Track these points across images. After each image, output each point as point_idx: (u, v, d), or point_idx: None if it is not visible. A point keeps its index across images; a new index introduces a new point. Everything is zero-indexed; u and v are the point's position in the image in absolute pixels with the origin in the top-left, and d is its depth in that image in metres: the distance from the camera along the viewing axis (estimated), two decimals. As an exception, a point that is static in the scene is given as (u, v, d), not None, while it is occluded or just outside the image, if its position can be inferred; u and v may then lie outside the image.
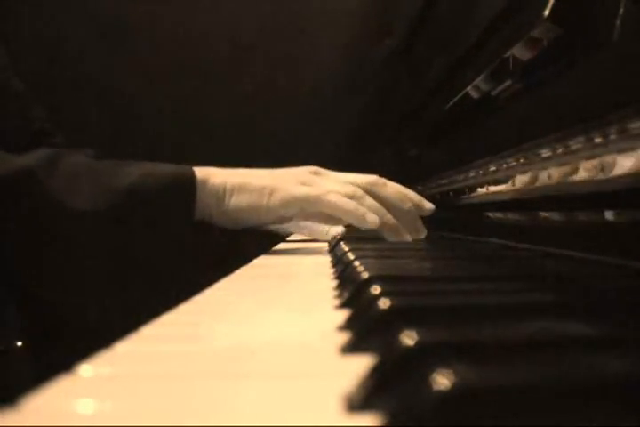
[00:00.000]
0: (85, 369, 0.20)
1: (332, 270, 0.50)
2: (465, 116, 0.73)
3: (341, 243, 0.64)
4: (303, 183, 0.65)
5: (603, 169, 0.34)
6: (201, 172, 0.63)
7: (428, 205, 0.70)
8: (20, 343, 0.72)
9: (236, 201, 0.63)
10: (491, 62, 0.57)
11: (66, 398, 0.17)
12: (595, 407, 0.14)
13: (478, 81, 0.62)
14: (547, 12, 0.44)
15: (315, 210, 0.64)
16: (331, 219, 0.67)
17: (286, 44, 1.54)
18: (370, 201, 0.64)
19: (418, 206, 0.69)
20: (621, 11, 0.35)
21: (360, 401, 0.16)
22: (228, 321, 0.30)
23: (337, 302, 0.33)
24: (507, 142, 0.51)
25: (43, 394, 0.18)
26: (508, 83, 0.57)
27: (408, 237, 0.67)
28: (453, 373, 0.14)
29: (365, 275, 0.33)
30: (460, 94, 0.69)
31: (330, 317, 0.29)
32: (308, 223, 0.77)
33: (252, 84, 1.53)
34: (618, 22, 0.35)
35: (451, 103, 0.74)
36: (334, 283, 0.41)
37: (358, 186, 0.65)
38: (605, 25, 0.37)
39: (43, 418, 0.16)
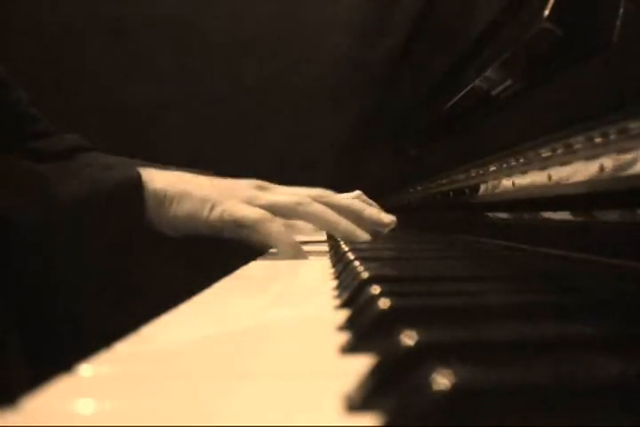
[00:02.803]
0: (85, 369, 0.20)
1: (332, 270, 0.50)
2: (465, 115, 0.73)
3: (341, 243, 0.64)
4: (246, 200, 0.62)
5: (603, 169, 0.34)
6: (145, 175, 0.62)
7: (388, 218, 0.69)
8: (19, 344, 0.72)
9: (176, 209, 0.62)
10: (491, 62, 0.57)
11: (66, 398, 0.17)
12: (595, 407, 0.14)
13: (478, 81, 0.62)
14: (547, 12, 0.44)
15: (251, 233, 0.61)
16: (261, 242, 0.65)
17: (286, 43, 1.54)
18: (317, 205, 0.64)
19: (375, 220, 0.68)
20: (621, 11, 0.35)
21: (360, 401, 0.16)
22: (228, 321, 0.30)
23: (337, 302, 0.33)
24: (507, 142, 0.51)
25: (43, 394, 0.18)
26: (507, 83, 0.56)
27: (366, 236, 0.66)
28: (453, 373, 0.14)
29: (365, 275, 0.33)
30: (460, 94, 0.69)
31: (330, 317, 0.29)
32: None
33: (251, 84, 1.53)
34: (618, 23, 0.35)
35: (451, 103, 0.74)
36: (334, 283, 0.41)
37: (305, 196, 0.65)
38: (605, 25, 0.37)
39: (43, 418, 0.16)
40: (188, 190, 0.62)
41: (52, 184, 0.58)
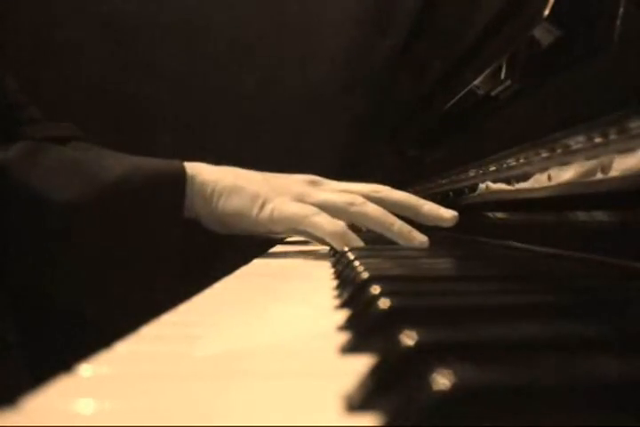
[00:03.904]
0: (85, 369, 0.20)
1: (332, 270, 0.50)
2: (465, 115, 0.73)
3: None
4: (298, 197, 0.61)
5: (603, 169, 0.34)
6: (192, 168, 0.60)
7: (449, 213, 0.63)
8: (18, 344, 0.71)
9: (224, 204, 0.59)
10: (491, 62, 0.57)
11: (66, 398, 0.17)
12: (594, 407, 0.14)
13: (478, 81, 0.62)
14: (547, 12, 0.44)
15: (303, 229, 0.60)
16: (319, 239, 0.64)
17: (286, 43, 1.54)
18: (371, 206, 0.61)
19: (435, 216, 0.63)
20: (621, 11, 0.35)
21: (360, 401, 0.16)
22: (228, 321, 0.30)
23: (337, 302, 0.33)
24: (507, 142, 0.51)
25: (43, 394, 0.18)
26: (507, 83, 0.56)
27: (423, 239, 0.61)
28: (453, 373, 0.14)
29: (365, 275, 0.33)
30: (460, 94, 0.69)
31: (330, 317, 0.29)
32: None
33: (252, 83, 1.53)
34: (618, 23, 0.35)
35: (450, 103, 0.74)
36: (334, 283, 0.41)
37: (358, 193, 0.62)
38: (605, 25, 0.37)
39: (43, 418, 0.16)
40: (238, 184, 0.60)
41: (93, 166, 0.56)
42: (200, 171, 0.60)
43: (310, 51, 1.54)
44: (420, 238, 0.61)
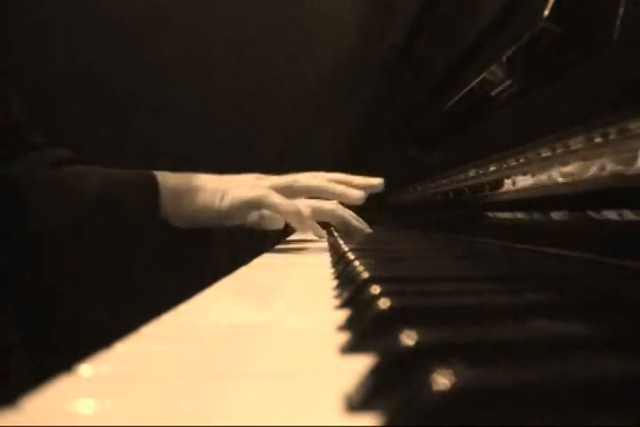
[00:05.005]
0: (85, 369, 0.20)
1: (332, 270, 0.50)
2: (465, 115, 0.73)
3: (341, 243, 0.64)
4: (251, 187, 0.70)
5: (603, 169, 0.34)
6: (159, 175, 0.68)
7: (376, 180, 0.80)
8: (18, 344, 0.72)
9: (190, 202, 0.68)
10: (491, 62, 0.57)
11: (66, 398, 0.17)
12: (594, 407, 0.14)
13: (478, 81, 0.62)
14: (547, 12, 0.44)
15: (262, 213, 0.72)
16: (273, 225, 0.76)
17: (286, 44, 1.54)
18: (311, 179, 0.75)
19: (366, 184, 0.79)
20: (621, 11, 0.35)
21: (360, 401, 0.16)
22: (228, 321, 0.30)
23: (337, 302, 0.33)
24: (507, 142, 0.51)
25: (43, 394, 0.18)
26: (507, 83, 0.56)
27: (360, 194, 0.76)
28: (453, 373, 0.14)
29: (365, 275, 0.33)
30: (460, 94, 0.69)
31: (330, 317, 0.29)
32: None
33: (252, 84, 1.53)
34: (618, 22, 0.35)
35: (451, 103, 0.74)
36: (334, 283, 0.41)
37: (272, 186, 0.71)
38: (605, 25, 0.37)
39: (43, 418, 0.16)
40: (200, 184, 0.69)
41: (72, 186, 0.63)
42: (166, 177, 0.69)
43: (310, 51, 1.54)
44: (358, 194, 0.75)
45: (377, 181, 0.80)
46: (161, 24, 1.51)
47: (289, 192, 0.71)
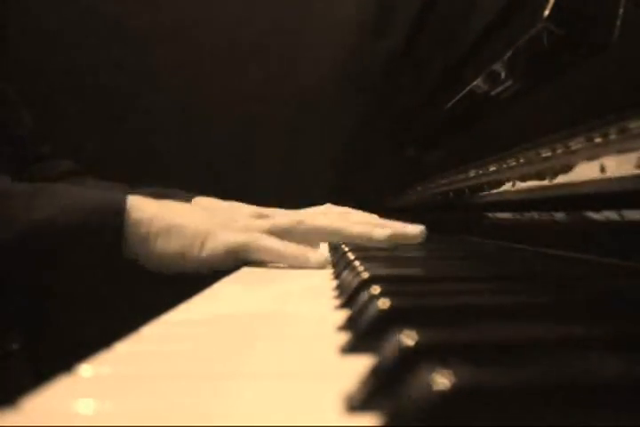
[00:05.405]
0: (85, 369, 0.20)
1: (332, 270, 0.50)
2: (465, 115, 0.73)
3: (341, 243, 0.64)
4: (242, 229, 0.57)
5: (603, 169, 0.34)
6: (130, 204, 0.55)
7: (414, 229, 0.60)
8: (18, 344, 0.72)
9: (163, 245, 0.54)
10: (491, 62, 0.57)
11: (66, 398, 0.17)
12: (594, 407, 0.14)
13: (478, 81, 0.62)
14: (547, 12, 0.44)
15: (253, 257, 0.55)
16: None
17: (286, 44, 1.54)
18: (322, 218, 0.59)
19: (401, 234, 0.60)
20: (621, 11, 0.35)
21: (360, 401, 0.16)
22: (228, 321, 0.30)
23: (337, 302, 0.33)
24: (507, 142, 0.51)
25: (43, 394, 0.18)
26: (508, 83, 0.56)
27: (385, 232, 0.58)
28: (453, 373, 0.14)
29: (365, 275, 0.33)
30: (461, 94, 0.69)
31: (330, 317, 0.29)
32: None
33: (251, 84, 1.53)
34: (618, 23, 0.35)
35: (451, 103, 0.74)
36: (334, 283, 0.41)
37: (272, 227, 0.57)
38: (605, 25, 0.37)
39: (43, 418, 0.16)
40: (176, 223, 0.55)
41: (25, 204, 0.53)
42: (136, 208, 0.55)
43: (310, 51, 1.54)
44: (383, 233, 0.58)
45: (416, 231, 0.60)
46: (161, 24, 1.51)
47: (292, 236, 0.57)
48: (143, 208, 0.55)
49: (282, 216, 0.60)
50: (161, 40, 1.51)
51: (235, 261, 0.55)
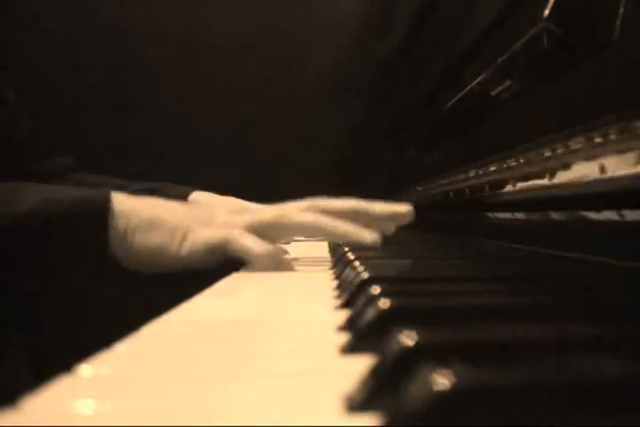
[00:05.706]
0: (85, 369, 0.20)
1: (332, 271, 0.50)
2: (465, 115, 0.73)
3: (341, 243, 0.64)
4: (222, 225, 0.55)
5: (603, 169, 0.34)
6: (115, 199, 0.53)
7: (403, 208, 0.59)
8: (19, 344, 0.72)
9: (141, 240, 0.52)
10: (491, 62, 0.57)
11: (66, 398, 0.17)
12: (594, 407, 0.14)
13: (478, 81, 0.62)
14: (547, 12, 0.44)
15: (231, 255, 0.53)
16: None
17: (286, 44, 1.54)
18: (303, 214, 0.55)
19: (389, 214, 0.58)
20: (621, 11, 0.35)
21: (360, 401, 0.16)
22: (228, 321, 0.30)
23: (337, 302, 0.33)
24: (507, 142, 0.51)
25: (43, 394, 0.18)
26: (508, 83, 0.56)
27: (373, 235, 0.54)
28: (453, 373, 0.14)
29: (365, 275, 0.33)
30: (460, 94, 0.69)
31: (330, 317, 0.29)
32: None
33: (251, 84, 1.53)
34: (618, 23, 0.35)
35: (451, 103, 0.74)
36: (334, 283, 0.41)
37: (253, 223, 0.55)
38: (605, 25, 0.37)
39: (43, 418, 0.16)
40: (155, 218, 0.53)
41: (6, 199, 0.52)
42: (117, 201, 0.53)
43: (310, 51, 1.54)
44: (371, 236, 0.54)
45: (405, 209, 0.59)
46: (161, 25, 1.51)
47: (274, 232, 0.55)
48: (123, 202, 0.53)
49: (263, 211, 0.58)
50: (161, 40, 1.51)
51: (216, 259, 0.53)
